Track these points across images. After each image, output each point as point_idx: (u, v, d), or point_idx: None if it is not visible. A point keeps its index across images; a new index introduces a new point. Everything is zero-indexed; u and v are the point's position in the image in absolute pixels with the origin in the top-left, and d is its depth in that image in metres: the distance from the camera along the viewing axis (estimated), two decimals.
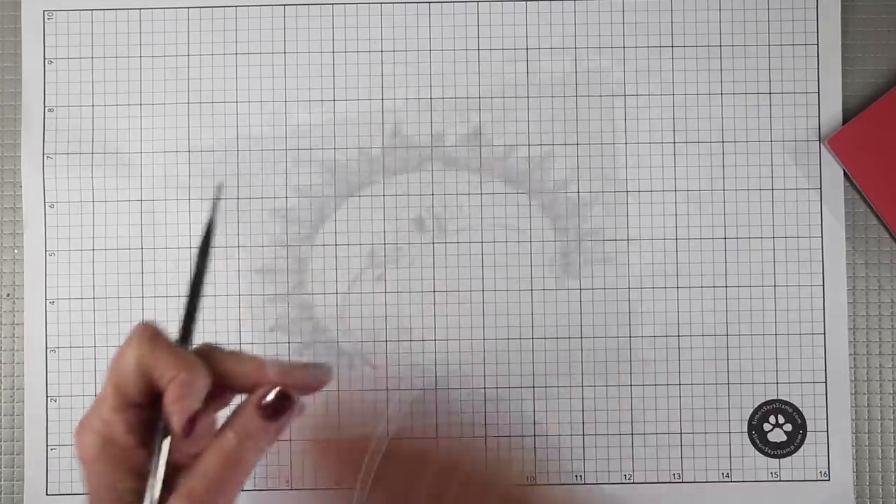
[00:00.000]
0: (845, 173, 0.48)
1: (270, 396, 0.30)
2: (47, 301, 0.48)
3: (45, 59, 0.49)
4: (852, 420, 0.48)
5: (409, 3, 0.49)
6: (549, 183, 0.48)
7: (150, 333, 0.30)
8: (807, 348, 0.48)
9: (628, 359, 0.48)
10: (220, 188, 0.42)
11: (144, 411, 0.30)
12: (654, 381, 0.48)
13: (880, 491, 0.48)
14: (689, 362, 0.48)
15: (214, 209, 0.33)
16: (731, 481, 0.48)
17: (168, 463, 0.30)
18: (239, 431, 0.30)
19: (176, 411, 0.29)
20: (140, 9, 0.49)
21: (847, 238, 0.48)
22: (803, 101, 0.48)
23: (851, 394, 0.48)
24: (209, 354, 0.31)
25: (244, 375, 0.30)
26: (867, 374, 0.48)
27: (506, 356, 0.48)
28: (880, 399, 0.48)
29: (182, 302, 0.32)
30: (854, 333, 0.48)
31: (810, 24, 0.48)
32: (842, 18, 0.49)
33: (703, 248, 0.48)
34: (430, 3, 0.49)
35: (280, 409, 0.30)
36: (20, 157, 0.49)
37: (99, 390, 0.31)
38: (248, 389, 0.31)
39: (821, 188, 0.48)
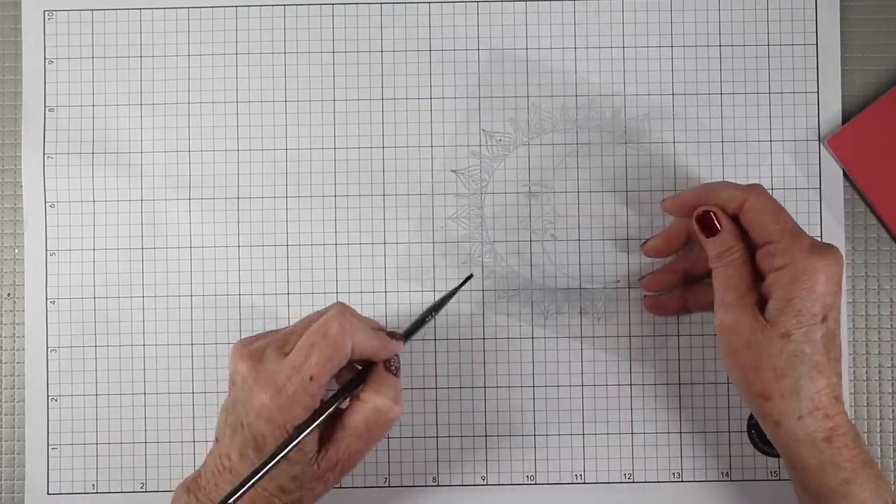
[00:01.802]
0: (845, 173, 0.48)
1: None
2: (48, 301, 0.48)
3: (45, 59, 0.49)
4: (852, 420, 0.48)
5: (409, 3, 0.49)
6: (549, 183, 0.48)
7: (350, 319, 0.38)
8: None
9: (628, 359, 0.48)
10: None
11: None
12: (653, 381, 0.48)
13: None
14: (689, 362, 0.48)
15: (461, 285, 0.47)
16: (730, 481, 0.48)
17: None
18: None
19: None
20: (140, 9, 0.49)
21: (847, 238, 0.48)
22: (802, 101, 0.49)
23: (851, 393, 0.48)
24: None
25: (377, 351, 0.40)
26: (867, 373, 0.48)
27: (506, 356, 0.48)
28: (880, 399, 0.48)
29: (425, 308, 0.45)
30: (854, 333, 0.48)
31: (809, 25, 0.49)
32: (841, 18, 0.49)
33: None
34: (430, 3, 0.49)
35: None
36: (20, 157, 0.49)
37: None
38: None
39: (820, 188, 0.48)
